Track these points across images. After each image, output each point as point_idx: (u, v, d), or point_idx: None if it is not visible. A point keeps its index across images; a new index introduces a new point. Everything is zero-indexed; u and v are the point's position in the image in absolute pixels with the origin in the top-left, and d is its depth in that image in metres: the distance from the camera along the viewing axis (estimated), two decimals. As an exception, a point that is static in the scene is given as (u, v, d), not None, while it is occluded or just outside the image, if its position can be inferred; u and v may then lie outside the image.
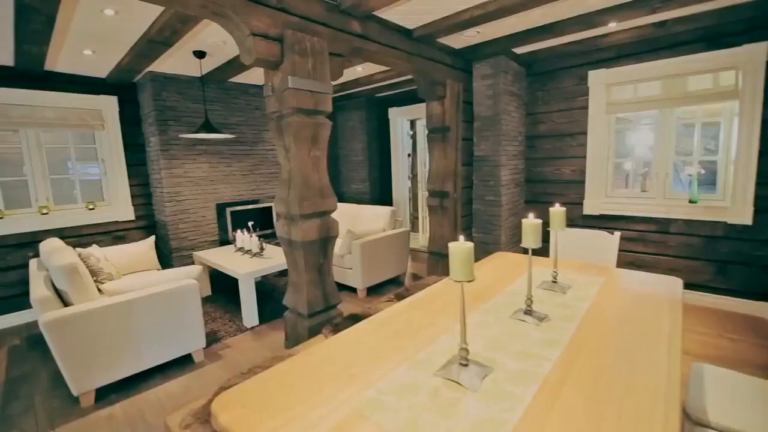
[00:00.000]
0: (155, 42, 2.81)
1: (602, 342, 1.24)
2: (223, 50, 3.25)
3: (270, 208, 4.95)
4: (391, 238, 3.96)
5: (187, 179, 4.14)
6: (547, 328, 1.36)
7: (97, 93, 3.94)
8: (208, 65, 3.63)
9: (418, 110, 5.23)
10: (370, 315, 2.18)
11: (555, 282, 1.77)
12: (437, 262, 3.65)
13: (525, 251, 1.50)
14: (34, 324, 3.58)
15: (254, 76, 4.17)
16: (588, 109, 3.64)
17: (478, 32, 3.06)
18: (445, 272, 3.61)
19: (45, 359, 2.82)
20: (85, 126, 3.88)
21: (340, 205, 4.99)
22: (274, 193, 4.99)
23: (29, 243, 3.64)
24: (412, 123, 5.80)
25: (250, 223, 4.37)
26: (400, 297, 2.44)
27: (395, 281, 4.22)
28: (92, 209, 4.00)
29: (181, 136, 3.85)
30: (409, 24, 2.83)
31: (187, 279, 2.60)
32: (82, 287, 2.26)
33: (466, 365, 1.08)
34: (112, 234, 4.14)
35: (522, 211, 4.05)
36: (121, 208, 4.17)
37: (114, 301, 2.26)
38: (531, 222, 1.43)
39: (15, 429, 2.08)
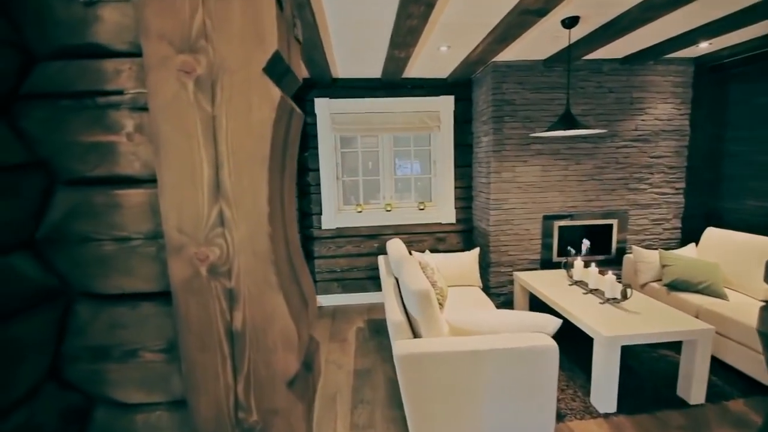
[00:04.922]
0: (528, 12, 2.16)
1: None
2: (610, 4, 2.27)
3: (608, 226, 3.67)
4: None
5: (515, 185, 3.53)
6: None
7: (437, 95, 3.92)
8: (573, 36, 2.75)
9: None
10: None
11: None
12: None
13: None
14: (373, 307, 4.01)
15: (617, 47, 2.98)
16: None
17: None
18: None
19: (383, 355, 2.87)
20: (425, 128, 3.94)
21: (719, 233, 3.11)
22: (618, 207, 3.66)
23: (375, 235, 4.07)
24: None
25: (585, 244, 3.31)
26: None
27: None
28: (422, 209, 4.10)
29: (532, 135, 3.23)
30: None
31: (542, 336, 1.87)
32: (432, 320, 1.92)
33: None
34: (435, 235, 4.14)
35: None
36: (444, 210, 4.08)
37: (463, 347, 1.80)
38: None
39: (362, 453, 1.99)
